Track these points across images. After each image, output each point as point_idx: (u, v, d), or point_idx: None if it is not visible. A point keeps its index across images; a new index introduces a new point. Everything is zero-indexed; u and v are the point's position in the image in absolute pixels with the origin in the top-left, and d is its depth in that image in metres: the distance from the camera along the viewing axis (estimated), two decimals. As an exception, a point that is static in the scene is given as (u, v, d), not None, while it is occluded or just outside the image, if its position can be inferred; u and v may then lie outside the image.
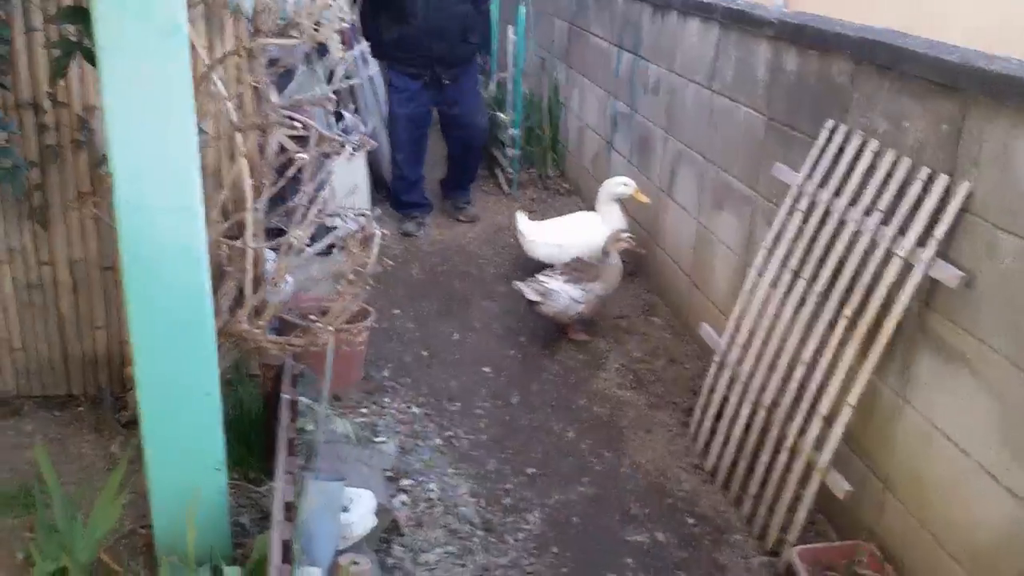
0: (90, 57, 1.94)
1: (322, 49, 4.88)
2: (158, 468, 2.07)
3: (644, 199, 4.27)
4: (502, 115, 5.75)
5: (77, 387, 2.93)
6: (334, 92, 2.55)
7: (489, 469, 3.14)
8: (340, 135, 2.70)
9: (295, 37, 2.20)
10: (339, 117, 4.72)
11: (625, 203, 4.37)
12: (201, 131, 2.05)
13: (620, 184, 4.31)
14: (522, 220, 4.56)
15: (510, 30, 5.83)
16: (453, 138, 5.30)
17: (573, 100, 5.80)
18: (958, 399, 2.23)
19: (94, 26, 1.73)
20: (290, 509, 2.04)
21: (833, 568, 2.47)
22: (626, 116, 4.78)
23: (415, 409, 3.47)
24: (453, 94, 5.04)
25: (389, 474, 3.03)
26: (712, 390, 3.16)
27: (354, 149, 2.57)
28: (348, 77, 4.46)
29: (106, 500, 2.08)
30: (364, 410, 3.42)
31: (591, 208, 4.60)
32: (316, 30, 2.32)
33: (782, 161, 3.04)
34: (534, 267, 4.29)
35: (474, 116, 5.21)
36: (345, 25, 2.30)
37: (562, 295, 3.87)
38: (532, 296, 3.88)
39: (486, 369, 3.80)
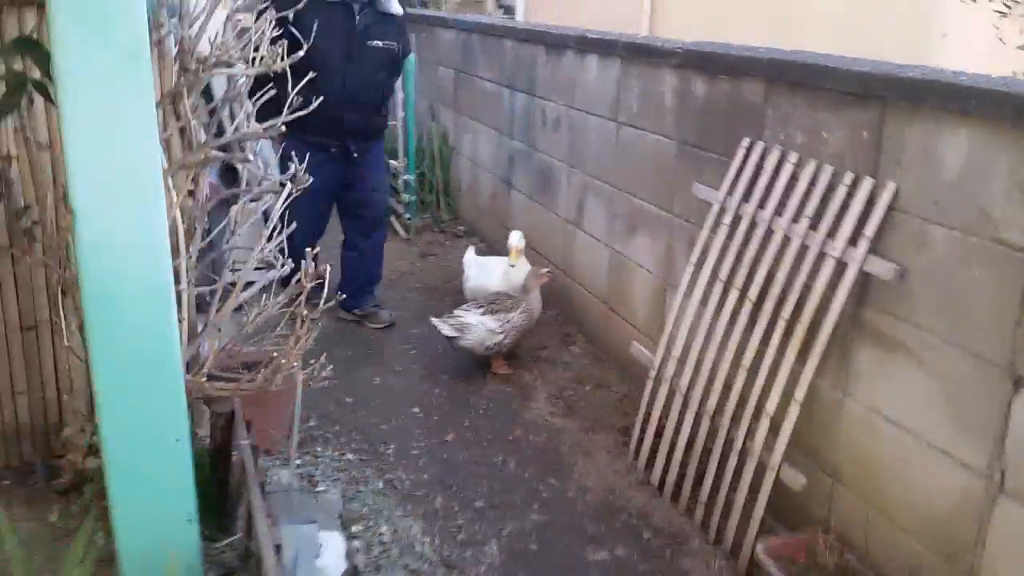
0: (42, 91, 1.85)
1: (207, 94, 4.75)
2: (128, 524, 1.94)
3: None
4: (395, 163, 5.76)
5: (-2, 460, 2.72)
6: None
7: (437, 507, 3.09)
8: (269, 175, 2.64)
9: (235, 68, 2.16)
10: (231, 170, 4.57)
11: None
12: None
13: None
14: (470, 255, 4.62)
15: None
16: (351, 221, 4.73)
17: (464, 144, 5.88)
18: (901, 384, 2.38)
19: (53, 53, 1.65)
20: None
21: (795, 559, 2.56)
22: (524, 154, 4.89)
23: (349, 456, 3.39)
24: (359, 169, 4.53)
25: (338, 521, 2.94)
26: (650, 406, 3.24)
27: (293, 187, 2.53)
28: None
29: (71, 566, 1.93)
30: (298, 461, 3.31)
31: (491, 249, 4.67)
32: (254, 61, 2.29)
33: (697, 181, 3.19)
34: (447, 306, 4.28)
35: (379, 193, 4.72)
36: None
37: (479, 327, 3.89)
38: (448, 332, 3.89)
39: (415, 410, 3.76)
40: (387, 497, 3.14)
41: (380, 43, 4.20)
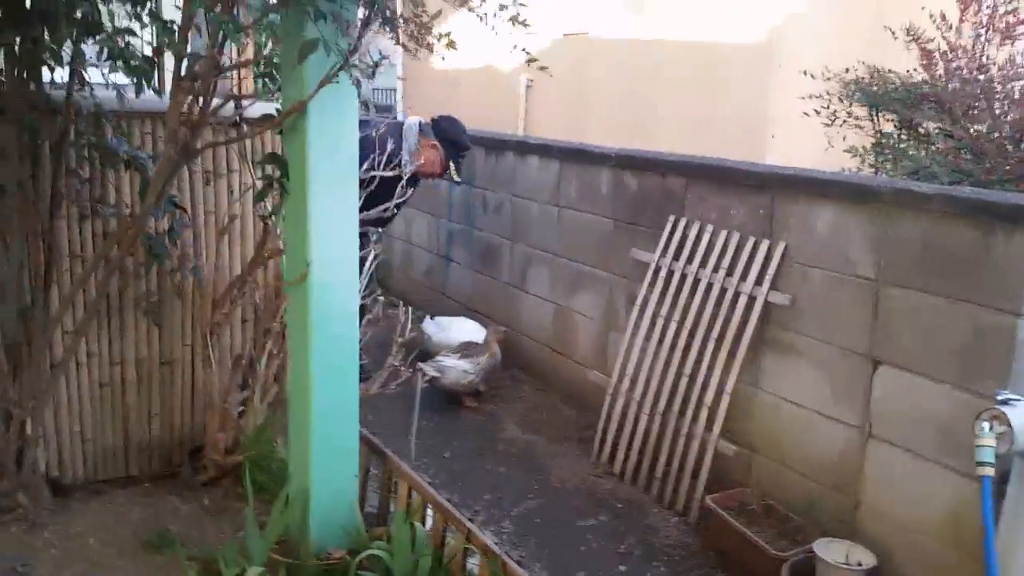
0: (282, 186, 2.75)
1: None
2: (321, 474, 2.80)
3: None
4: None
5: (135, 469, 3.44)
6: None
7: (455, 502, 3.99)
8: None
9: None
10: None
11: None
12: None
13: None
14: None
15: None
16: None
17: (396, 227, 6.88)
18: (795, 376, 3.57)
19: (306, 165, 2.60)
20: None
21: (731, 507, 3.66)
22: (463, 233, 5.95)
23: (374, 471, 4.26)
24: None
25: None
26: (609, 414, 4.31)
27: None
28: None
29: (277, 511, 2.76)
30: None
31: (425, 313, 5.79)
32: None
33: (634, 247, 4.35)
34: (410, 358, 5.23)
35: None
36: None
37: (455, 369, 4.88)
38: (432, 372, 4.85)
39: (410, 437, 4.65)
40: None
41: None
